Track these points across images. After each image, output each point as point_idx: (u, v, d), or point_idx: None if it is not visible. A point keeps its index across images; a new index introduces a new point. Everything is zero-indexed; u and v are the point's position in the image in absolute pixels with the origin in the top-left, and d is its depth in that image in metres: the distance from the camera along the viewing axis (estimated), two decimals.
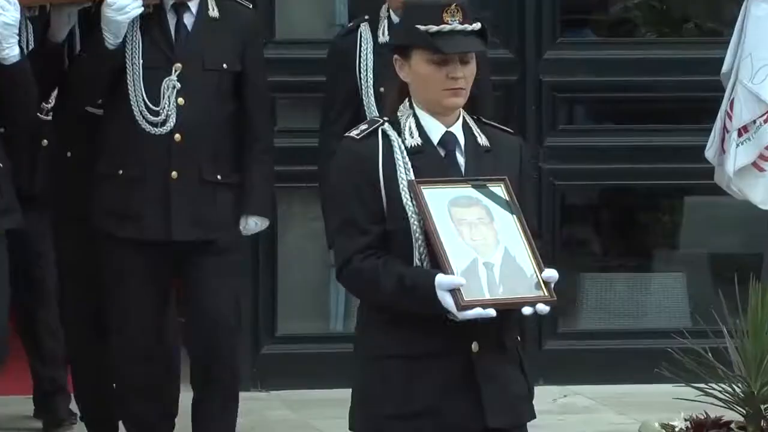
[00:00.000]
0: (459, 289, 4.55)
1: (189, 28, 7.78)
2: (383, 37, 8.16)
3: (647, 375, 8.27)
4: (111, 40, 7.61)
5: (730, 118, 8.22)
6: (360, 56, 8.21)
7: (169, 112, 7.63)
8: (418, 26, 4.75)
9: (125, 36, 7.64)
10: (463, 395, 4.72)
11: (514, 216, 4.80)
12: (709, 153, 8.59)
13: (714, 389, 7.21)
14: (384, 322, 4.76)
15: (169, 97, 7.62)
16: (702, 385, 7.26)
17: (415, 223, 4.70)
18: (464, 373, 4.69)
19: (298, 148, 9.46)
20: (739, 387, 7.19)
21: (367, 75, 8.16)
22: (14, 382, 9.75)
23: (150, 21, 7.58)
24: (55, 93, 8.60)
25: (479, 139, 4.88)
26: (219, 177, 7.68)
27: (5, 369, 8.10)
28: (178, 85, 7.59)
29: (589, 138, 10.57)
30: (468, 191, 4.78)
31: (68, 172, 8.18)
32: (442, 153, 4.83)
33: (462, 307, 4.53)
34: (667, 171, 10.64)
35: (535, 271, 4.74)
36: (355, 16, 10.24)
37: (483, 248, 4.72)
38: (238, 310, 8.23)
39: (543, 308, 4.82)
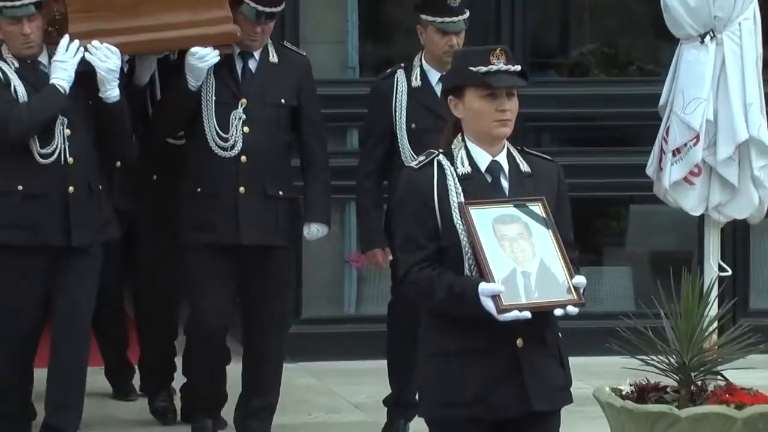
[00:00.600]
0: (499, 295, 4.66)
1: (253, 70, 7.83)
2: (416, 82, 8.16)
3: (600, 349, 8.10)
4: (193, 83, 7.65)
5: (666, 141, 8.26)
6: (396, 97, 8.14)
7: (237, 139, 7.72)
8: (471, 68, 4.85)
9: (205, 73, 7.68)
10: (510, 384, 4.82)
11: (550, 231, 4.90)
12: (649, 170, 8.61)
13: (653, 360, 7.39)
14: (441, 324, 4.86)
15: (236, 126, 7.73)
16: (644, 357, 7.38)
17: (464, 239, 4.79)
18: (511, 365, 4.81)
19: None
20: (673, 358, 7.41)
21: (401, 113, 8.12)
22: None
23: (221, 66, 7.67)
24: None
25: (521, 166, 4.97)
26: (280, 192, 7.77)
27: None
28: (244, 117, 7.70)
29: (553, 158, 10.45)
30: (510, 210, 4.87)
31: (153, 192, 8.28)
32: (489, 179, 4.91)
33: (501, 310, 4.64)
34: (616, 185, 10.83)
35: (567, 278, 4.84)
36: (363, 63, 10.86)
37: (521, 259, 4.79)
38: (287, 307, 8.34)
39: (572, 309, 4.91)
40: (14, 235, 7.50)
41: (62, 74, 7.33)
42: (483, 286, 4.66)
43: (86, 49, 7.32)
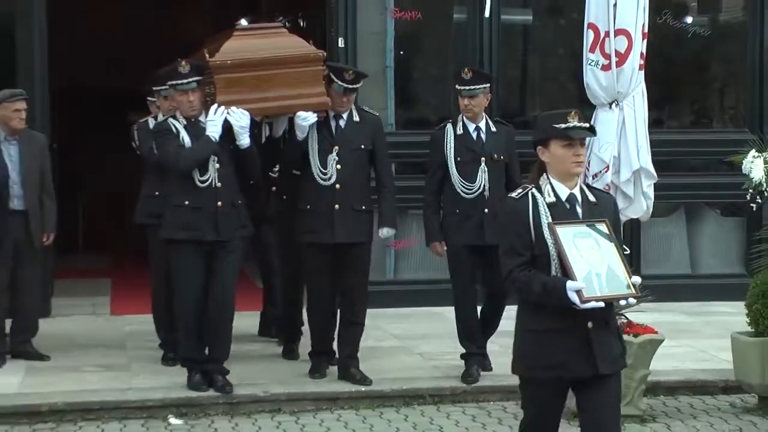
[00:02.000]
0: (581, 290, 4.57)
1: (342, 127, 8.10)
2: (459, 130, 8.18)
3: None
4: (299, 135, 7.99)
5: (588, 170, 7.80)
6: (446, 142, 8.15)
7: (332, 174, 8.00)
8: (554, 125, 4.78)
9: (308, 132, 7.99)
10: (583, 353, 4.72)
11: (613, 243, 4.79)
12: None
13: None
14: (533, 309, 4.79)
15: (332, 165, 7.99)
16: None
17: (552, 249, 4.70)
18: (584, 340, 4.72)
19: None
20: None
21: (450, 152, 8.11)
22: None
23: (321, 124, 8.02)
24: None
25: (589, 197, 4.88)
26: (363, 207, 8.18)
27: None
28: (337, 158, 8.00)
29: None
30: (584, 228, 4.74)
31: (285, 208, 8.68)
32: (568, 206, 4.80)
33: (583, 301, 4.56)
34: None
35: (627, 278, 4.76)
36: (398, 122, 10.86)
37: (594, 264, 4.69)
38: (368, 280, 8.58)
39: (632, 301, 4.91)
40: (185, 233, 7.86)
41: (213, 129, 7.68)
42: (570, 284, 4.59)
43: (228, 113, 7.69)
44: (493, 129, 8.35)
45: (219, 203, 7.83)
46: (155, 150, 8.16)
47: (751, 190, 7.90)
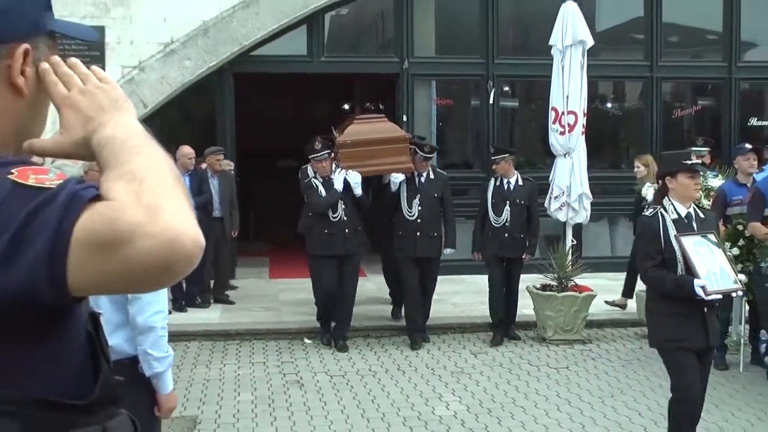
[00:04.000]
0: (704, 286, 4.13)
1: (423, 181, 7.68)
2: (497, 183, 7.71)
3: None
4: (393, 189, 7.72)
5: (553, 192, 7.87)
6: (489, 191, 7.67)
7: (415, 212, 7.61)
8: (683, 161, 4.30)
9: (399, 185, 7.71)
10: (701, 331, 4.25)
11: (720, 249, 4.36)
12: (546, 204, 8.03)
13: (549, 276, 7.88)
14: (664, 299, 4.27)
15: (416, 205, 7.62)
16: (546, 275, 7.87)
17: (678, 254, 4.20)
18: (701, 321, 4.25)
19: None
20: (556, 274, 7.80)
21: (490, 197, 7.65)
22: None
23: (409, 180, 7.65)
24: None
25: (700, 214, 4.37)
26: (435, 234, 7.75)
27: None
28: (419, 203, 7.62)
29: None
30: (700, 238, 4.24)
31: (384, 235, 8.05)
32: (686, 221, 4.30)
33: (708, 294, 4.13)
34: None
35: (734, 276, 4.36)
36: (439, 165, 9.68)
37: (710, 265, 4.21)
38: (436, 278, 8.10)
39: (740, 293, 4.64)
40: (324, 251, 7.41)
41: (338, 185, 7.36)
42: (697, 281, 4.15)
43: (347, 174, 7.39)
44: (520, 183, 7.82)
45: (346, 230, 7.45)
46: (305, 198, 7.67)
47: (645, 204, 7.48)
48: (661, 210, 4.28)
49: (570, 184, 7.98)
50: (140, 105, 9.33)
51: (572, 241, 8.18)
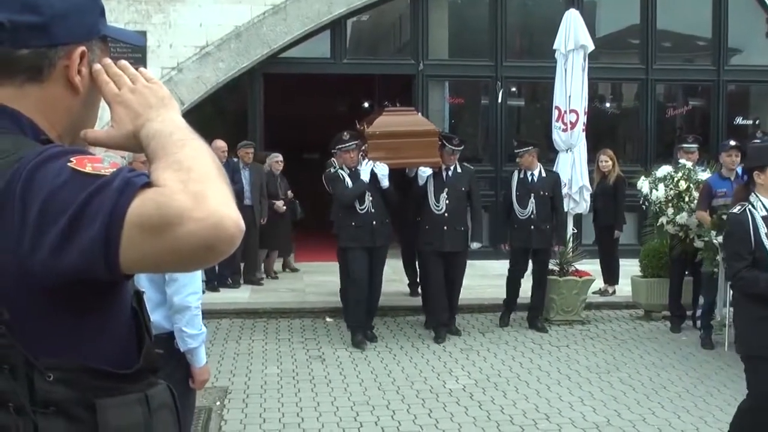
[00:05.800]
0: None
1: (450, 175, 7.06)
2: (522, 175, 7.32)
3: None
4: (420, 183, 7.10)
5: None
6: (513, 183, 7.32)
7: (443, 206, 6.96)
8: None
9: (426, 179, 7.10)
10: None
11: None
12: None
13: (552, 261, 7.65)
14: (754, 301, 3.56)
15: (443, 200, 6.97)
16: (553, 260, 7.66)
17: None
18: None
19: None
20: (559, 259, 7.62)
21: (515, 190, 7.27)
22: None
23: (436, 173, 7.03)
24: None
25: None
26: (462, 228, 7.13)
27: None
28: (446, 196, 6.99)
29: None
30: None
31: (413, 226, 7.32)
32: None
33: None
34: None
35: None
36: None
37: None
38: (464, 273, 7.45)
39: None
40: (353, 242, 6.86)
41: (365, 176, 6.80)
42: None
43: (374, 165, 6.83)
44: (543, 174, 7.41)
45: (374, 222, 6.87)
46: (330, 190, 7.15)
47: (642, 197, 7.61)
48: (749, 208, 3.69)
49: (571, 177, 7.83)
50: (178, 103, 8.49)
51: (573, 229, 8.06)
